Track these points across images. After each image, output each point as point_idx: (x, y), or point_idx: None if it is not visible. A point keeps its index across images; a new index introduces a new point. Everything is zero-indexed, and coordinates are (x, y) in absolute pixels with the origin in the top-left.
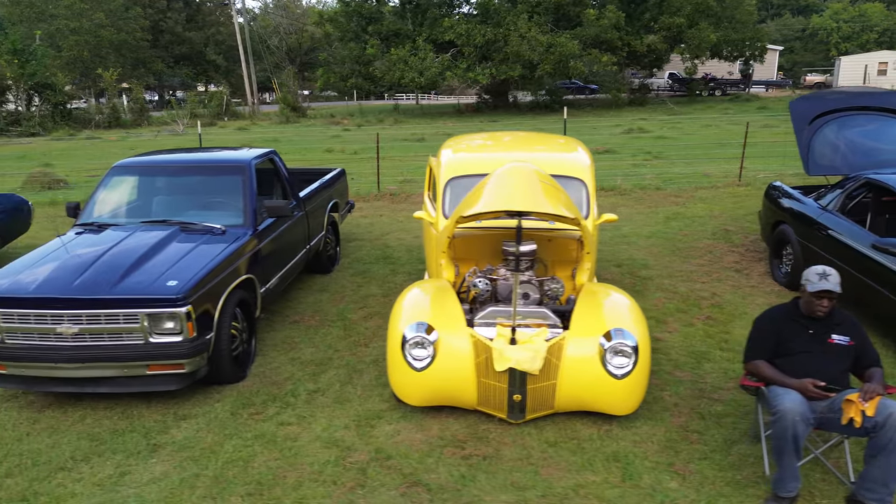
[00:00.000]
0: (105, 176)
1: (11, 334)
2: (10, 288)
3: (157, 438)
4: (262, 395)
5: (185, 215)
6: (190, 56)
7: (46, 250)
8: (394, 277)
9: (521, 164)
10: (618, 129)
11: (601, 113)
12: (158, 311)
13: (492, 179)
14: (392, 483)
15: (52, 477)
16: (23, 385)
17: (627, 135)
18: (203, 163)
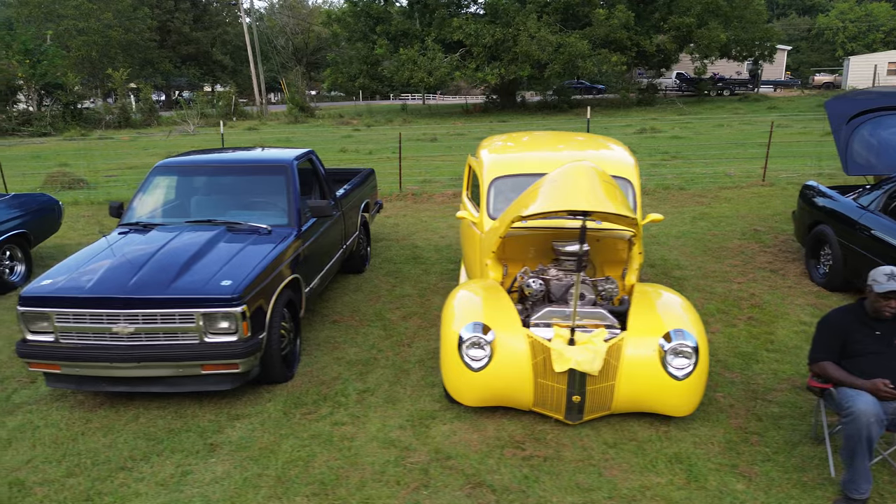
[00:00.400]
0: (147, 176)
1: (66, 334)
2: (65, 288)
3: (213, 438)
4: (313, 395)
5: (228, 215)
6: (196, 56)
7: (94, 250)
8: (426, 277)
9: (583, 163)
10: (630, 129)
11: (610, 113)
12: (214, 310)
13: (552, 179)
14: (455, 484)
15: (114, 476)
16: (76, 384)
17: (641, 135)
18: (245, 162)
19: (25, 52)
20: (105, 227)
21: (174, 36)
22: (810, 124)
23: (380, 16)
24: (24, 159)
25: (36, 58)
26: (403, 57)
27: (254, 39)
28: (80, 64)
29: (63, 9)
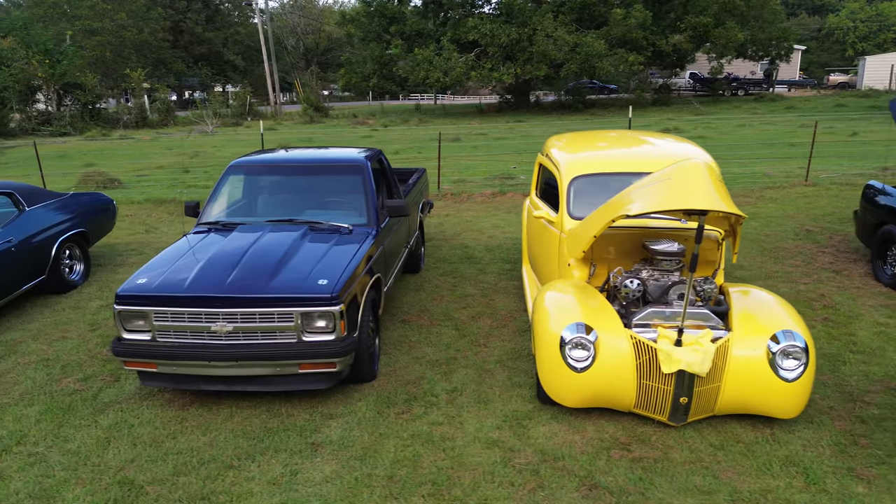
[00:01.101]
0: (222, 175)
1: (164, 332)
2: (162, 286)
3: (312, 437)
4: (402, 395)
5: (304, 214)
6: (208, 56)
7: (180, 249)
8: (485, 277)
9: (695, 161)
10: (652, 129)
11: (626, 113)
12: (312, 309)
13: (662, 176)
14: (570, 485)
15: (223, 475)
16: (171, 383)
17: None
18: (321, 162)
19: (45, 52)
20: (149, 226)
21: (186, 36)
22: (833, 124)
23: (393, 16)
24: (51, 159)
25: (55, 58)
26: (419, 57)
27: (268, 39)
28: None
29: (77, 9)
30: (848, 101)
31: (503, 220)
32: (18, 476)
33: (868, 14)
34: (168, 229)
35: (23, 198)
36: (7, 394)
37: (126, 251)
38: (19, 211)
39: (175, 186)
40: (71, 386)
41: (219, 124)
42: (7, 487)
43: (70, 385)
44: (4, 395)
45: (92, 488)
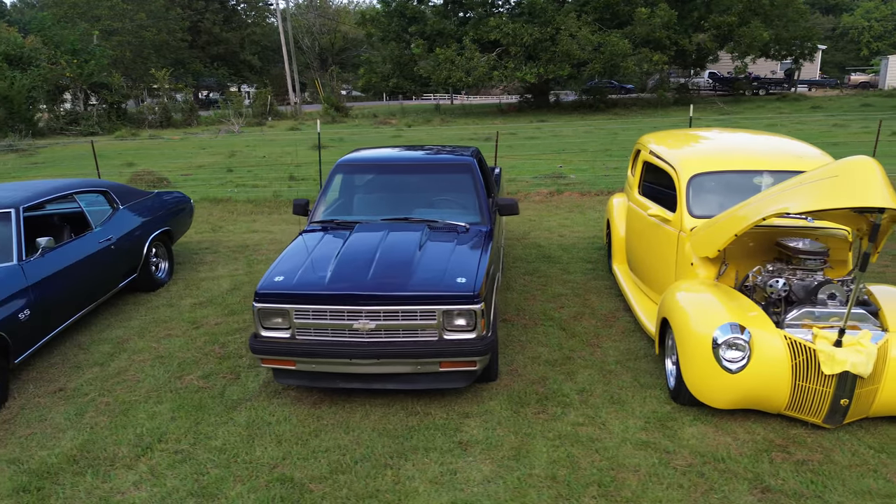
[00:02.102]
0: (331, 173)
1: (304, 330)
2: (302, 284)
3: (457, 436)
4: (532, 395)
5: (415, 213)
6: (225, 56)
7: (304, 247)
8: (571, 276)
9: (865, 158)
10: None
11: (649, 113)
12: (455, 307)
13: (827, 174)
14: (741, 488)
15: (382, 474)
16: (308, 381)
17: None
18: (430, 161)
19: (73, 52)
20: (214, 225)
21: (204, 36)
22: (867, 124)
23: (413, 16)
24: (87, 158)
25: (83, 57)
26: (441, 57)
27: (288, 40)
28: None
29: (97, 9)
30: (872, 100)
31: (568, 220)
32: (171, 473)
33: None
34: (234, 228)
35: (116, 196)
36: (133, 391)
37: (199, 250)
38: (113, 209)
39: (224, 186)
40: (195, 383)
41: (244, 124)
42: (164, 485)
43: (194, 382)
44: (130, 392)
45: (252, 485)
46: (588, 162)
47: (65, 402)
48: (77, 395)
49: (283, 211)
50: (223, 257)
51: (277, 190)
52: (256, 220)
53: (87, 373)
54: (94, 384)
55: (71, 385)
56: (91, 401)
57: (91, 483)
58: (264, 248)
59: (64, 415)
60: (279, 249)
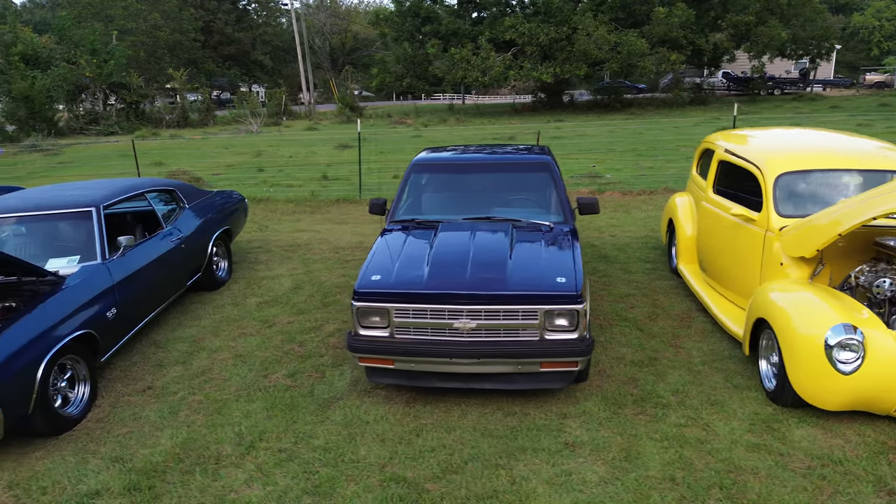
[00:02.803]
0: (408, 173)
1: (403, 329)
2: (401, 283)
3: (562, 437)
4: (627, 396)
5: (493, 212)
6: (237, 56)
7: (390, 247)
8: (633, 276)
9: None
10: (709, 126)
11: (665, 113)
12: (557, 307)
13: None
14: (866, 490)
15: (496, 474)
16: (404, 380)
17: None
18: (509, 160)
19: (92, 51)
20: (261, 224)
21: (216, 36)
22: (892, 124)
23: (427, 15)
24: (113, 158)
25: (102, 57)
26: (457, 56)
27: (303, 40)
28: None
29: (111, 9)
30: (889, 100)
31: (615, 219)
32: (280, 472)
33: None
34: (280, 227)
35: (182, 195)
36: (222, 390)
37: (252, 249)
38: (180, 208)
39: (259, 185)
40: (282, 382)
41: (262, 124)
42: (276, 484)
43: (281, 381)
44: (219, 390)
45: (366, 485)
46: (620, 161)
47: (156, 401)
48: (166, 393)
49: (325, 211)
50: (277, 256)
51: (314, 189)
52: (300, 220)
53: (171, 371)
54: (182, 383)
55: (158, 384)
56: (182, 399)
57: (201, 481)
58: (316, 248)
59: (157, 413)
60: (332, 249)
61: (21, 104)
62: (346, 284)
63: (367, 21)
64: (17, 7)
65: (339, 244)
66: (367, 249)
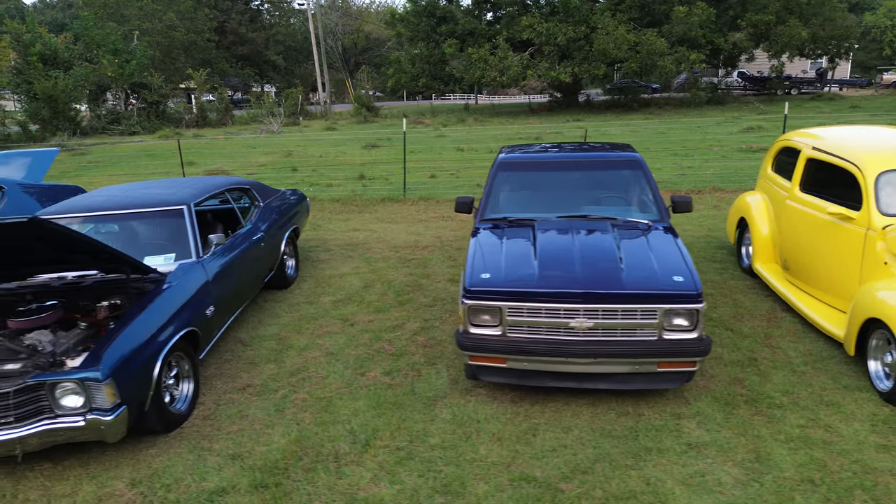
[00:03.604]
0: (495, 171)
1: (515, 328)
2: (512, 281)
3: (683, 438)
4: (737, 397)
5: (585, 210)
6: (250, 56)
7: (490, 245)
8: (704, 276)
9: None
10: (732, 126)
11: (685, 112)
12: (677, 306)
13: None
14: None
15: (627, 475)
16: (515, 378)
17: (751, 133)
18: (599, 157)
19: (115, 51)
20: (312, 223)
21: (230, 36)
22: None
23: (443, 15)
24: (141, 158)
25: (124, 57)
26: (474, 56)
27: (319, 40)
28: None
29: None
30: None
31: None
32: (403, 470)
33: None
34: (332, 226)
35: (257, 193)
36: (322, 388)
37: (311, 248)
38: (255, 207)
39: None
40: (381, 380)
41: (282, 123)
42: (402, 482)
43: (379, 379)
44: (320, 389)
45: (497, 484)
46: (657, 161)
47: (258, 398)
48: (266, 391)
49: (372, 210)
50: (337, 255)
51: (354, 189)
52: (350, 219)
53: (265, 369)
54: (280, 381)
55: (256, 381)
56: (284, 397)
57: (326, 479)
58: (374, 247)
59: (263, 411)
60: (390, 248)
61: (44, 104)
62: (416, 283)
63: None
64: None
65: (397, 243)
66: (426, 249)
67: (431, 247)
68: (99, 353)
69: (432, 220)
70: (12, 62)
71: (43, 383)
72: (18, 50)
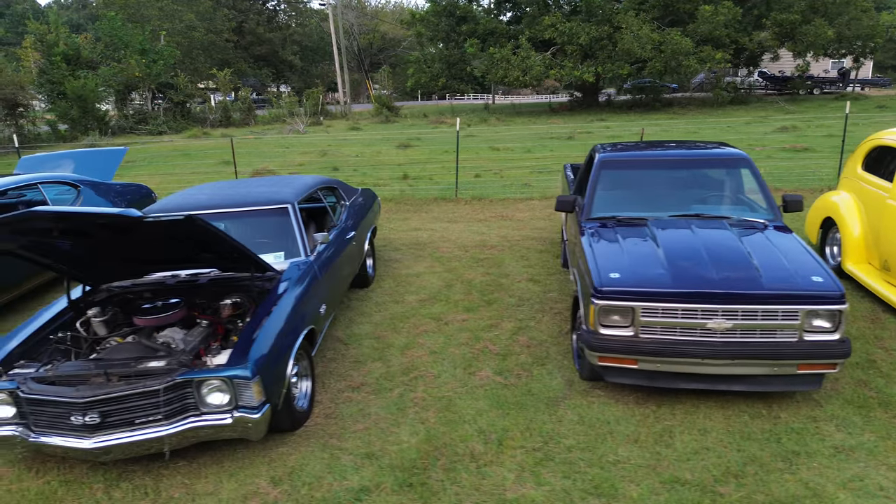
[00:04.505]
0: (595, 170)
1: (649, 329)
2: (646, 281)
3: (828, 441)
4: (869, 400)
5: (693, 208)
6: (267, 56)
7: (606, 244)
8: None
9: None
10: (762, 126)
11: (708, 112)
12: (820, 307)
13: None
14: None
15: (782, 478)
16: (646, 380)
17: (786, 133)
18: (705, 155)
19: (142, 51)
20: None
21: (248, 37)
22: None
23: (463, 15)
24: (176, 157)
25: (151, 57)
26: (497, 56)
27: (339, 40)
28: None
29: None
30: None
31: None
32: (547, 472)
33: None
34: (393, 226)
35: (342, 192)
36: (438, 387)
37: (379, 247)
38: (341, 206)
39: None
40: (494, 380)
41: (307, 123)
42: (549, 484)
43: (493, 379)
44: (436, 388)
45: (650, 487)
46: None
47: (376, 397)
48: (382, 390)
49: (428, 209)
50: (407, 254)
51: (402, 189)
52: (408, 218)
53: (373, 368)
54: (392, 380)
55: (369, 380)
56: (401, 396)
57: (469, 479)
58: (442, 246)
59: (385, 409)
60: (459, 247)
61: (73, 104)
62: (497, 283)
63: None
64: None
65: (464, 243)
66: (495, 248)
67: (500, 246)
68: (246, 351)
69: (491, 220)
70: (32, 63)
71: (190, 381)
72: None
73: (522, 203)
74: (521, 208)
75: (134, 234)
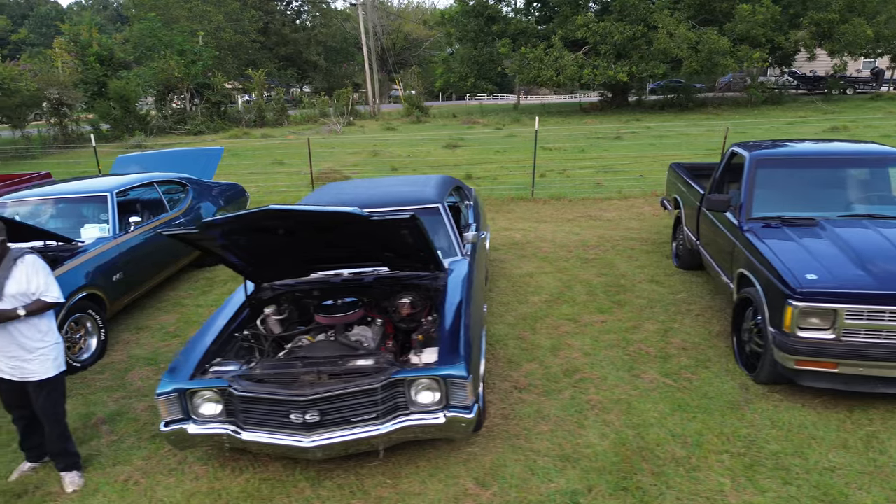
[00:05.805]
0: (750, 169)
1: (851, 331)
2: (849, 282)
3: None
4: None
5: (860, 208)
6: (292, 57)
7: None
8: None
9: None
10: (807, 127)
11: (745, 113)
12: None
13: None
14: None
15: None
16: (842, 384)
17: (839, 133)
18: (863, 154)
19: (181, 52)
20: None
21: (273, 37)
22: None
23: (493, 15)
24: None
25: (190, 58)
26: (530, 56)
27: (369, 40)
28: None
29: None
30: None
31: None
32: (762, 478)
33: None
34: None
35: (465, 191)
36: (609, 389)
37: None
38: (465, 206)
39: None
40: (663, 382)
41: (345, 123)
42: (772, 491)
43: (661, 381)
44: (607, 390)
45: (884, 495)
46: None
47: (547, 398)
48: (550, 391)
49: (509, 209)
50: (510, 254)
51: (477, 189)
52: (494, 218)
53: (530, 369)
54: (557, 381)
55: (530, 381)
56: (574, 398)
57: (683, 485)
58: (542, 246)
59: (563, 411)
60: (559, 247)
61: (115, 104)
62: (617, 284)
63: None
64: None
65: (563, 243)
66: (598, 248)
67: (602, 247)
68: (456, 350)
69: (580, 220)
70: (60, 64)
71: (402, 379)
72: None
73: (604, 203)
74: (605, 208)
75: (335, 233)
